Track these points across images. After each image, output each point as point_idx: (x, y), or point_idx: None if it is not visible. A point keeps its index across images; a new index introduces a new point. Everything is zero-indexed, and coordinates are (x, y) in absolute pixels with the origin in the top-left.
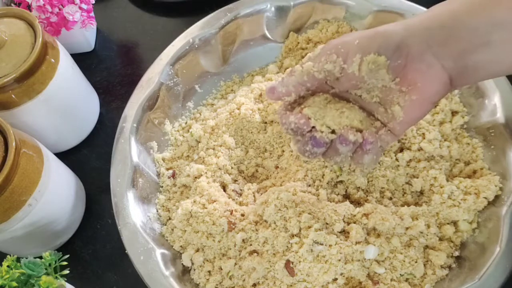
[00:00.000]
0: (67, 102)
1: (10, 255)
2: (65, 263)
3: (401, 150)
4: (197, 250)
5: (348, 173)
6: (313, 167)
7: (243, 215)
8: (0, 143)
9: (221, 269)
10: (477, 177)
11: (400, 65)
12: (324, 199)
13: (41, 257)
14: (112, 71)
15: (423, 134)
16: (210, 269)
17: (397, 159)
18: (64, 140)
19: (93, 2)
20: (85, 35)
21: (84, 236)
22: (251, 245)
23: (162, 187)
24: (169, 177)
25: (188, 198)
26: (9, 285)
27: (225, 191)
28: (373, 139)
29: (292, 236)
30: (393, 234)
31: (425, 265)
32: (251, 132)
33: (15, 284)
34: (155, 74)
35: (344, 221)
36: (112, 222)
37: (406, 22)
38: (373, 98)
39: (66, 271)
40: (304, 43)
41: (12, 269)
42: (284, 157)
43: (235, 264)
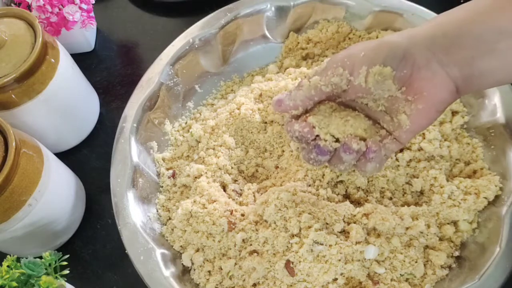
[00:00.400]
0: (67, 102)
1: (10, 255)
2: (65, 263)
3: (401, 150)
4: (197, 250)
5: (348, 173)
6: (313, 167)
7: (243, 215)
8: (0, 143)
9: (221, 269)
10: (477, 177)
11: (406, 75)
12: (324, 199)
13: (41, 257)
14: (112, 71)
15: (423, 134)
16: (210, 269)
17: (397, 159)
18: (64, 140)
19: (93, 2)
20: (85, 35)
21: (84, 236)
22: (251, 245)
23: (162, 187)
24: (169, 177)
25: (188, 198)
26: (9, 285)
27: (225, 191)
28: (376, 148)
29: (292, 236)
30: (393, 234)
31: (425, 265)
32: (251, 132)
33: (15, 284)
34: (155, 74)
35: (344, 221)
36: (112, 222)
37: (410, 31)
38: (379, 107)
39: (66, 271)
40: (304, 43)
41: (12, 269)
42: (284, 157)
43: (235, 264)
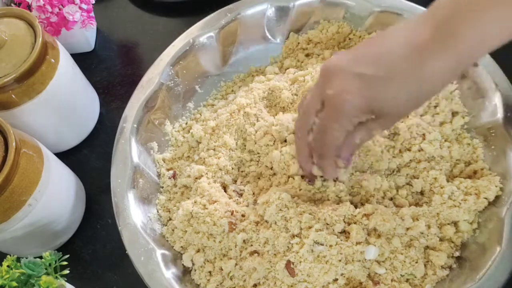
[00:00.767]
0: (67, 102)
1: (10, 255)
2: (65, 263)
3: (401, 151)
4: (198, 251)
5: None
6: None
7: (243, 215)
8: (0, 143)
9: (221, 269)
10: (477, 177)
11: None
12: (326, 198)
13: (41, 257)
14: (112, 71)
15: (424, 135)
16: (210, 269)
17: (397, 160)
18: (64, 140)
19: (93, 2)
20: (85, 35)
21: (84, 236)
22: (251, 245)
23: (162, 187)
24: (169, 178)
25: (188, 198)
26: (9, 285)
27: (225, 191)
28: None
29: (293, 236)
30: (394, 235)
31: (425, 265)
32: (252, 134)
33: (15, 284)
34: (155, 74)
35: (344, 222)
36: (112, 222)
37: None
38: None
39: (66, 271)
40: (305, 43)
41: (12, 269)
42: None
43: (236, 264)
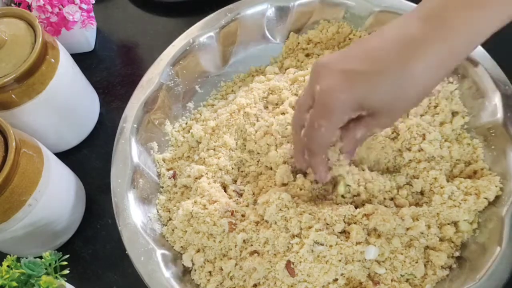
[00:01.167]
0: (67, 102)
1: (10, 255)
2: (65, 263)
3: (401, 151)
4: (198, 251)
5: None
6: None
7: (243, 215)
8: (0, 143)
9: (221, 269)
10: (477, 177)
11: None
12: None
13: (41, 257)
14: (112, 71)
15: (424, 135)
16: (210, 269)
17: (397, 160)
18: (64, 140)
19: (93, 2)
20: (85, 35)
21: (84, 236)
22: (251, 245)
23: (162, 187)
24: (169, 178)
25: (188, 198)
26: (9, 285)
27: (225, 191)
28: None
29: (293, 236)
30: (394, 235)
31: (425, 265)
32: (252, 134)
33: (15, 284)
34: (155, 74)
35: (344, 222)
36: (112, 222)
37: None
38: None
39: (66, 271)
40: (305, 43)
41: (12, 269)
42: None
43: (236, 264)
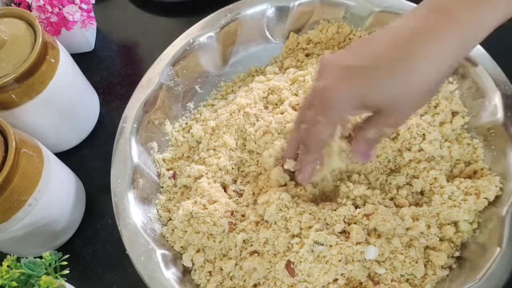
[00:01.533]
0: (67, 102)
1: (10, 255)
2: (65, 263)
3: (401, 151)
4: (198, 251)
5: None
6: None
7: (243, 215)
8: (0, 143)
9: (221, 269)
10: (477, 177)
11: None
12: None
13: (41, 257)
14: (112, 71)
15: (424, 135)
16: (210, 269)
17: (397, 160)
18: (64, 140)
19: (93, 2)
20: (85, 35)
21: (84, 236)
22: (251, 245)
23: (162, 187)
24: (169, 178)
25: (188, 198)
26: (9, 285)
27: (225, 191)
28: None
29: (293, 236)
30: (394, 235)
31: (425, 265)
32: (252, 133)
33: (15, 284)
34: (155, 74)
35: (344, 222)
36: (112, 222)
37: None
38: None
39: (66, 271)
40: (305, 43)
41: (12, 269)
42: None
43: (236, 264)
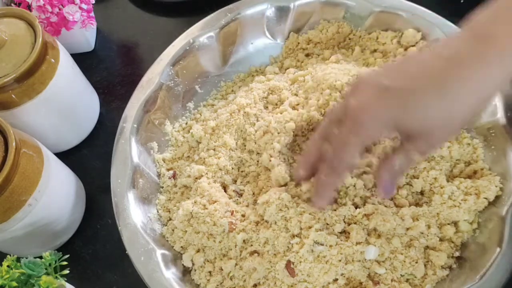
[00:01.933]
0: (67, 102)
1: (10, 255)
2: (65, 263)
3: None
4: (198, 251)
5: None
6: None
7: (243, 215)
8: (0, 143)
9: (221, 269)
10: (477, 177)
11: None
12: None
13: (41, 257)
14: (112, 71)
15: None
16: (210, 269)
17: None
18: (64, 140)
19: (93, 2)
20: (85, 35)
21: (84, 236)
22: (251, 245)
23: (162, 187)
24: (169, 178)
25: (188, 198)
26: (9, 285)
27: (225, 191)
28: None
29: (293, 236)
30: (394, 235)
31: (425, 265)
32: (252, 133)
33: (15, 284)
34: (155, 74)
35: (344, 222)
36: (112, 222)
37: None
38: None
39: (66, 271)
40: (305, 43)
41: (12, 269)
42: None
43: (236, 264)
